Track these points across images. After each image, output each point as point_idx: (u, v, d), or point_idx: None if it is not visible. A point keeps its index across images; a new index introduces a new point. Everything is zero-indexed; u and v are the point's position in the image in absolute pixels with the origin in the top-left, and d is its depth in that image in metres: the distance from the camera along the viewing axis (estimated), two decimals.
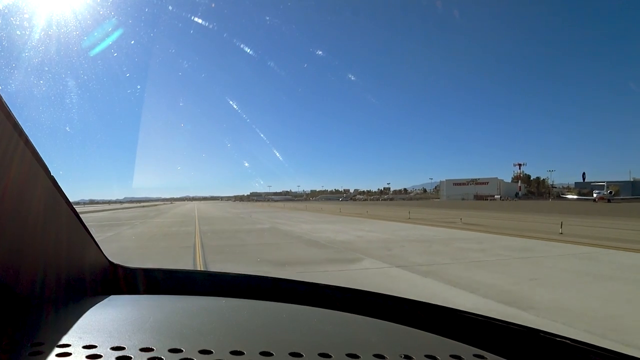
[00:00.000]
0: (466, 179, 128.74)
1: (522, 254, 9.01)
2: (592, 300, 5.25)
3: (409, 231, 14.82)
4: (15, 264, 0.83)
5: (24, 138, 0.82)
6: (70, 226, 1.02)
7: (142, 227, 20.28)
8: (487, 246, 10.30)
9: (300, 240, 12.42)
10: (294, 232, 15.18)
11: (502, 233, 13.53)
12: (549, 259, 8.38)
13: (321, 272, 7.32)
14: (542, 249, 9.71)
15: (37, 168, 0.87)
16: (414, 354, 0.70)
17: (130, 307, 0.96)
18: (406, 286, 6.17)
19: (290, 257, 9.29)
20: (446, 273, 6.98)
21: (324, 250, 10.25)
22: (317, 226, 18.21)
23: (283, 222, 21.17)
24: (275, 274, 2.61)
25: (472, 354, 0.73)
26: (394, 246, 10.56)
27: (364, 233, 14.46)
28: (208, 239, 13.25)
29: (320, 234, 14.21)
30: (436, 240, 11.98)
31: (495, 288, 5.86)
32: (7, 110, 0.77)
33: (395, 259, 8.46)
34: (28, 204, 0.86)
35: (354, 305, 1.02)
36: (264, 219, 25.32)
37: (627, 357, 0.71)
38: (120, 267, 1.22)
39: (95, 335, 0.74)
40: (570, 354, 0.75)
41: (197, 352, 0.67)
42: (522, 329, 0.82)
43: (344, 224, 19.12)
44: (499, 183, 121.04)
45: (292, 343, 0.74)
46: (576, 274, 6.80)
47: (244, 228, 18.07)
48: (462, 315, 0.91)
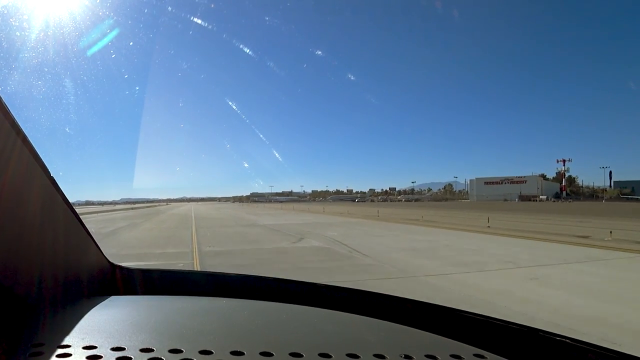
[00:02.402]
0: (499, 177, 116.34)
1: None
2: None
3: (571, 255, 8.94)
4: (14, 265, 0.83)
5: (23, 138, 0.81)
6: (70, 227, 1.01)
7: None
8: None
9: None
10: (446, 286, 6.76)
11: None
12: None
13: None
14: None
15: (36, 168, 0.87)
16: (414, 354, 0.70)
17: (130, 308, 0.97)
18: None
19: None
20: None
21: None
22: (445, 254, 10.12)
23: (361, 245, 12.02)
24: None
25: (472, 353, 0.73)
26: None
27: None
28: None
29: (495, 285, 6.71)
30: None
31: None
32: (6, 110, 0.77)
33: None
34: (27, 205, 0.85)
35: (354, 305, 1.01)
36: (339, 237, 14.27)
37: (627, 356, 0.70)
38: (120, 268, 1.22)
39: (95, 336, 0.74)
40: (569, 353, 0.75)
41: (197, 353, 0.67)
42: (522, 328, 0.82)
43: (453, 238, 13.43)
44: (540, 182, 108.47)
45: (292, 343, 0.74)
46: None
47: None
48: (462, 315, 0.90)
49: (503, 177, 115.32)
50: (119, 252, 11.29)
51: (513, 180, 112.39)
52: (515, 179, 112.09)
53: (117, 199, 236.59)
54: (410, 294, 1.81)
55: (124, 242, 14.61)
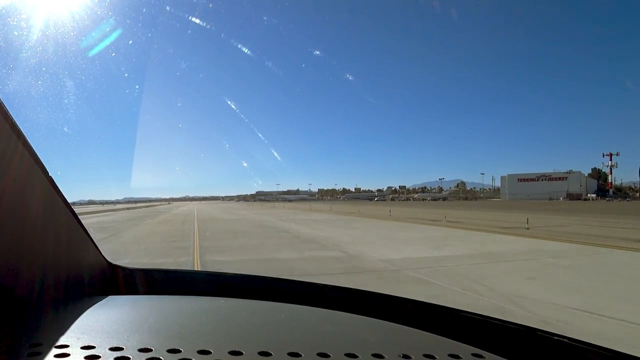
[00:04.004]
0: (535, 174, 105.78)
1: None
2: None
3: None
4: (13, 264, 0.82)
5: (22, 138, 0.81)
6: (69, 227, 1.01)
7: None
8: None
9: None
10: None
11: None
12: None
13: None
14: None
15: (35, 168, 0.86)
16: (413, 354, 0.70)
17: (128, 308, 0.96)
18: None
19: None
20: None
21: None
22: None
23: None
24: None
25: (471, 353, 0.72)
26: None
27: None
28: None
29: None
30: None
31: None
32: (5, 111, 0.76)
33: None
34: (26, 205, 0.85)
35: (353, 305, 1.00)
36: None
37: (626, 356, 0.70)
38: (119, 268, 1.21)
39: (93, 336, 0.73)
40: (567, 352, 0.74)
41: (195, 353, 0.66)
42: (520, 328, 0.81)
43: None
44: (583, 179, 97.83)
45: (291, 343, 0.73)
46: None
47: None
48: (460, 315, 0.90)
49: (539, 174, 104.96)
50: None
51: (551, 176, 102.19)
52: (554, 176, 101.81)
53: (120, 199, 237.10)
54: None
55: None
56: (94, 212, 52.03)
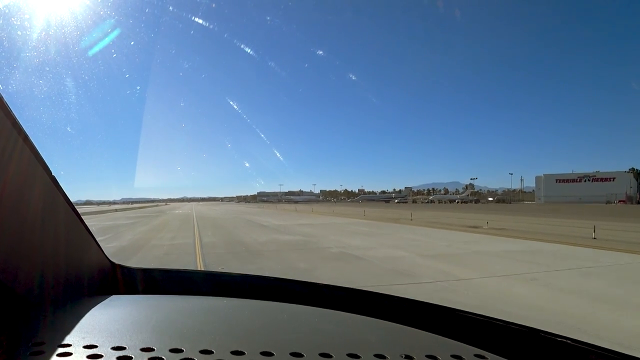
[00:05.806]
0: (576, 174, 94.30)
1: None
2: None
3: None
4: (15, 264, 0.82)
5: (24, 138, 0.81)
6: (71, 226, 1.01)
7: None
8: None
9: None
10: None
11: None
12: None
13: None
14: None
15: (37, 168, 0.87)
16: (415, 354, 0.70)
17: (130, 307, 0.96)
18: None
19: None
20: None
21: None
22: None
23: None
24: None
25: (473, 354, 0.72)
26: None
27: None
28: None
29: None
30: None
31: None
32: (7, 110, 0.76)
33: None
34: (28, 204, 0.85)
35: (355, 305, 1.00)
36: None
37: (628, 357, 0.70)
38: (121, 267, 1.21)
39: (96, 335, 0.73)
40: (570, 353, 0.74)
41: (197, 352, 0.67)
42: (523, 328, 0.81)
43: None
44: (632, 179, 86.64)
45: (293, 343, 0.73)
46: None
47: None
48: (462, 315, 0.89)
49: (581, 174, 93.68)
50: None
51: (595, 177, 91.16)
52: (600, 176, 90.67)
53: (118, 199, 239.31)
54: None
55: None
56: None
